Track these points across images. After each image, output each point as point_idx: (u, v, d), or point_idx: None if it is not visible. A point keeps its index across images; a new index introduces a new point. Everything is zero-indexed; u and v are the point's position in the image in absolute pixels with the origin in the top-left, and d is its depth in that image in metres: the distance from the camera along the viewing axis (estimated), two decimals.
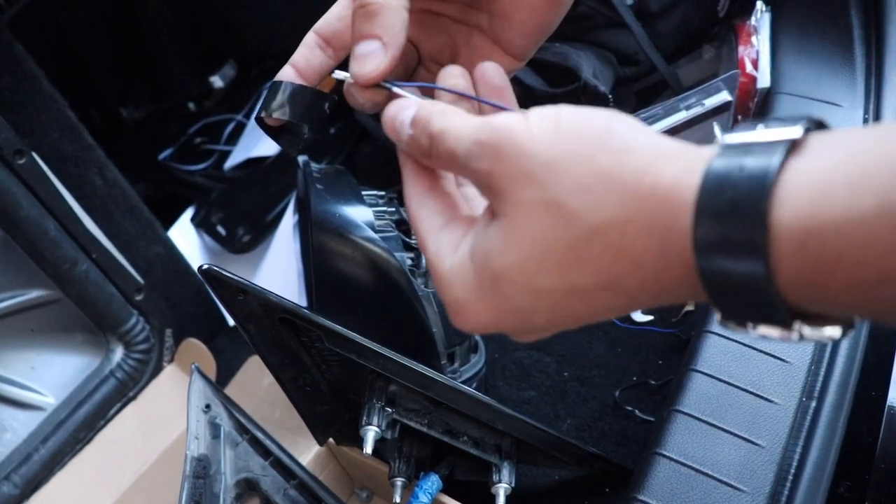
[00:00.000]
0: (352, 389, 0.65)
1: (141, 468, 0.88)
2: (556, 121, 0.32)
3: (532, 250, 0.31)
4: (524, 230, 0.32)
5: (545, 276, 0.31)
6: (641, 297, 0.31)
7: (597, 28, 0.89)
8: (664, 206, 0.28)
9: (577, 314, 0.33)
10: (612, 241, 0.30)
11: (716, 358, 0.62)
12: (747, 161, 0.27)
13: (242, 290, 0.57)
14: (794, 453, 0.56)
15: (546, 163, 0.31)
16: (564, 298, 0.32)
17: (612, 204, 0.29)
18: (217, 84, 1.28)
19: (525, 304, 0.33)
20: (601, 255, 0.30)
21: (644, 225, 0.29)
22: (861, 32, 0.78)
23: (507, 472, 0.63)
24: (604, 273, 0.30)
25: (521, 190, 0.31)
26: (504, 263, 0.32)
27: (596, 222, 0.30)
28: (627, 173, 0.29)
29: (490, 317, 0.34)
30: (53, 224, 0.81)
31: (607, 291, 0.31)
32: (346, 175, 0.78)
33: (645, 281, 0.30)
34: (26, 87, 0.79)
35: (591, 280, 0.31)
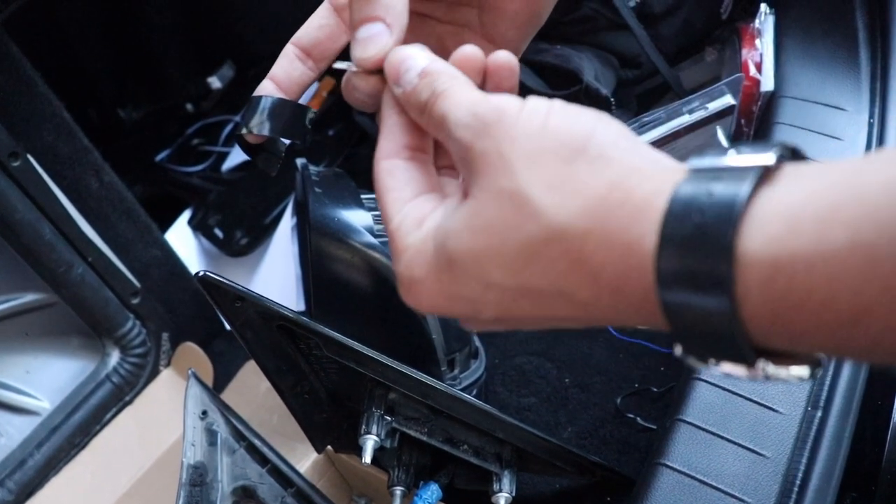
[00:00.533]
0: (350, 397, 0.64)
1: (137, 474, 0.87)
2: (546, 115, 0.31)
3: (488, 240, 0.30)
4: (485, 217, 0.31)
5: (496, 271, 0.30)
6: (596, 311, 0.30)
7: (598, 30, 0.88)
8: (629, 224, 0.28)
9: (529, 315, 0.32)
10: (571, 247, 0.29)
11: None
12: (716, 187, 0.26)
13: (240, 297, 0.56)
14: (799, 464, 0.55)
15: (525, 154, 0.30)
16: (515, 297, 0.31)
17: (576, 209, 0.28)
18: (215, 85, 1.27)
19: (475, 295, 0.32)
20: (556, 260, 0.29)
21: (605, 238, 0.28)
22: (866, 35, 0.77)
23: (507, 481, 0.62)
24: (558, 279, 0.29)
25: (495, 174, 0.31)
26: (460, 249, 0.31)
27: (556, 224, 0.29)
28: (599, 183, 0.29)
29: (440, 300, 0.33)
30: (49, 227, 0.80)
31: (560, 299, 0.30)
32: (344, 178, 0.78)
33: (601, 296, 0.29)
34: (22, 89, 0.78)
35: (544, 283, 0.30)
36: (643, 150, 0.30)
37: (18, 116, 0.78)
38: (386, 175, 0.36)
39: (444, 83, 0.34)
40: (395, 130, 0.37)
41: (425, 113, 0.35)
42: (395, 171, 0.36)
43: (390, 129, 0.37)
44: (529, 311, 0.31)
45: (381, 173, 0.36)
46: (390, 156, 0.36)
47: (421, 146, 0.37)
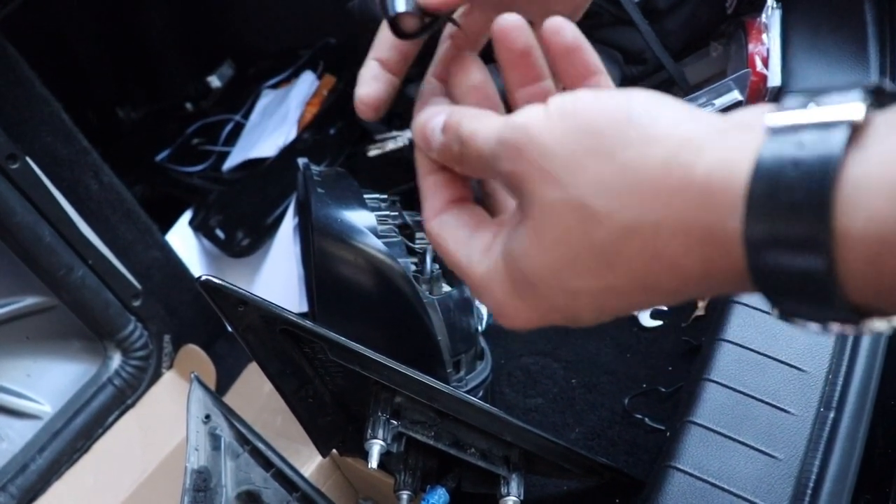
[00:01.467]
0: (355, 401, 0.64)
1: (140, 477, 0.87)
2: (573, 111, 0.30)
3: (561, 254, 0.30)
4: (550, 232, 0.30)
5: (578, 279, 0.30)
6: (684, 295, 0.29)
7: (603, 26, 0.87)
8: (702, 205, 0.26)
9: (623, 308, 0.31)
10: (645, 243, 0.27)
11: (730, 367, 0.61)
12: (802, 153, 0.24)
13: (242, 301, 0.55)
14: (812, 466, 0.54)
15: (565, 161, 0.29)
16: (603, 297, 0.30)
17: (638, 204, 0.27)
18: (214, 84, 1.27)
19: (564, 304, 0.31)
20: (634, 258, 0.28)
21: (679, 226, 0.26)
22: (875, 29, 0.76)
23: (515, 484, 0.62)
24: (640, 276, 0.29)
25: (543, 190, 0.30)
26: (534, 267, 0.31)
27: (623, 223, 0.28)
28: (652, 167, 0.27)
29: (533, 314, 0.33)
30: (48, 230, 0.79)
31: (648, 292, 0.29)
32: (347, 178, 0.77)
33: (688, 282, 0.28)
34: (19, 90, 0.77)
35: (627, 282, 0.29)
36: (690, 115, 0.28)
37: (16, 118, 0.78)
38: (440, 230, 0.37)
39: (466, 127, 0.35)
40: (435, 191, 0.38)
41: (464, 162, 0.36)
42: (447, 224, 0.37)
43: (431, 191, 0.38)
44: (621, 305, 0.31)
45: (434, 231, 0.38)
46: (438, 213, 0.38)
47: (462, 195, 0.38)
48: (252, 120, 1.18)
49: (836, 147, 0.23)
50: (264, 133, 1.13)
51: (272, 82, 1.22)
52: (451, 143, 0.36)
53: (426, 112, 0.38)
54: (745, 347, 0.62)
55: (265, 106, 1.19)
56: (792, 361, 0.60)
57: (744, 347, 0.62)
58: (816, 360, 0.60)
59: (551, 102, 0.31)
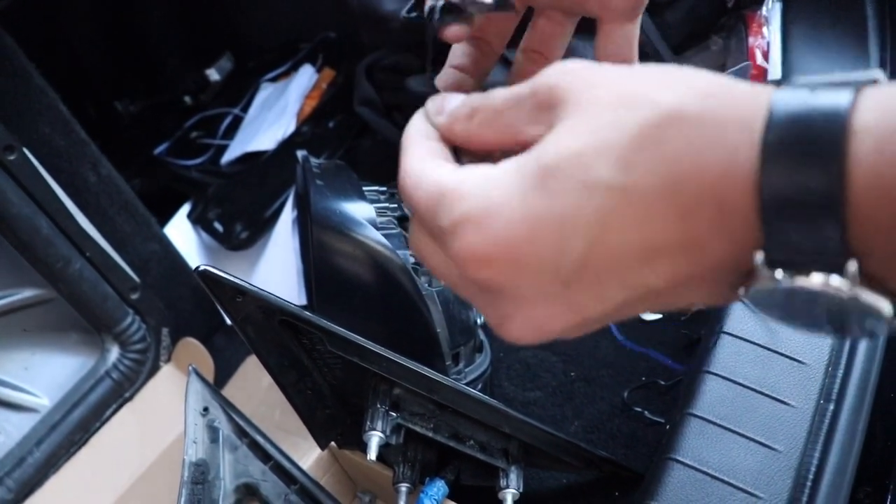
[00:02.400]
0: (354, 393, 0.63)
1: (138, 471, 0.86)
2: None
3: (594, 137, 0.28)
4: (586, 122, 0.29)
5: (603, 165, 0.27)
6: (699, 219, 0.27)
7: None
8: (744, 104, 0.27)
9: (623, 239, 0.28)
10: (684, 130, 0.27)
11: (730, 360, 0.60)
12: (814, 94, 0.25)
13: (241, 291, 0.55)
14: (812, 458, 0.54)
15: (622, 72, 0.30)
16: (618, 203, 0.27)
17: (687, 94, 0.28)
18: (213, 77, 1.26)
19: (572, 204, 0.28)
20: (668, 143, 0.27)
21: (721, 116, 0.27)
22: (876, 23, 0.76)
23: (514, 476, 0.62)
24: (665, 170, 0.27)
25: (590, 91, 0.29)
26: (557, 152, 0.28)
27: (670, 105, 0.27)
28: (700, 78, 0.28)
29: (524, 225, 0.28)
30: (46, 221, 0.79)
31: (665, 202, 0.27)
32: (346, 170, 0.76)
33: (706, 189, 0.26)
34: (17, 81, 0.77)
35: (651, 179, 0.27)
36: None
37: (14, 109, 0.77)
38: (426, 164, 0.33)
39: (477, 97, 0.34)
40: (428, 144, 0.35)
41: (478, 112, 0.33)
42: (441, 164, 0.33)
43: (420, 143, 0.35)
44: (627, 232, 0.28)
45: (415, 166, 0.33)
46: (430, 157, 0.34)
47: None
48: (251, 113, 1.18)
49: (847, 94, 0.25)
50: (263, 126, 1.12)
51: (271, 76, 1.21)
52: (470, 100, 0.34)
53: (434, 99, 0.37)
54: (744, 340, 0.62)
55: (264, 99, 1.19)
56: (792, 354, 0.60)
57: (744, 340, 0.62)
58: (816, 352, 0.60)
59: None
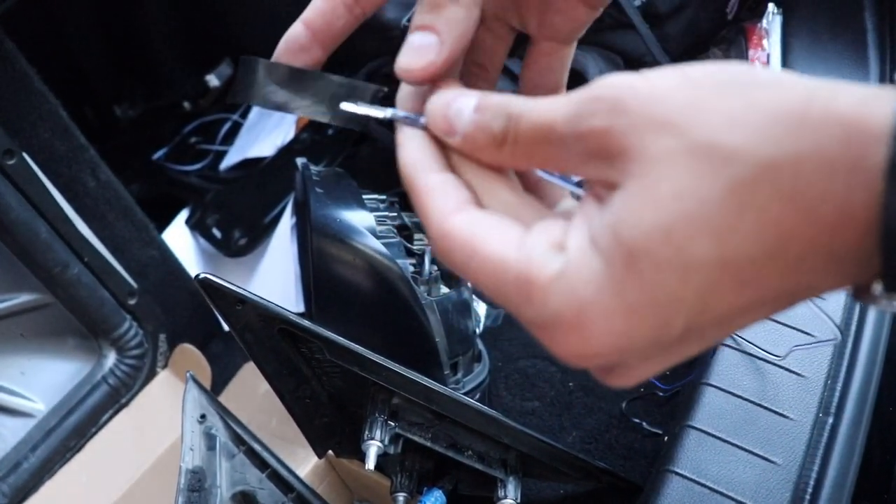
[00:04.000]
0: (353, 401, 0.63)
1: (133, 477, 0.86)
2: (681, 71, 0.26)
3: (679, 207, 0.24)
4: (665, 185, 0.24)
5: (698, 242, 0.24)
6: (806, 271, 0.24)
7: (603, 29, 0.87)
8: (849, 138, 0.23)
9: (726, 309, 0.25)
10: (783, 183, 0.23)
11: (729, 372, 0.60)
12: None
13: (240, 300, 0.55)
14: (811, 472, 0.54)
15: (683, 103, 0.25)
16: (717, 277, 0.24)
17: (778, 135, 0.23)
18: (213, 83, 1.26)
19: (670, 289, 0.25)
20: (768, 204, 0.23)
21: (825, 160, 0.23)
22: (875, 36, 0.76)
23: (512, 487, 0.61)
24: (770, 232, 0.24)
25: (655, 139, 0.25)
26: (642, 231, 0.25)
27: (760, 158, 0.23)
28: (789, 101, 0.24)
29: (623, 320, 0.25)
30: (44, 226, 0.79)
31: (769, 263, 0.24)
32: (346, 178, 0.76)
33: (816, 242, 0.23)
34: (17, 86, 0.77)
35: (754, 246, 0.24)
36: None
37: (14, 114, 0.77)
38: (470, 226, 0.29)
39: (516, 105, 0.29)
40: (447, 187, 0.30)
41: (507, 143, 0.29)
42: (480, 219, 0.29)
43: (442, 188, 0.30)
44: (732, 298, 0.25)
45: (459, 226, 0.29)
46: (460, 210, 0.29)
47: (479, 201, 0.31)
48: (250, 119, 1.18)
49: None
50: (262, 132, 1.12)
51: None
52: (490, 122, 0.29)
53: (447, 92, 0.32)
54: (744, 353, 0.62)
55: None
56: (791, 367, 0.60)
57: (743, 353, 0.62)
58: (815, 365, 0.60)
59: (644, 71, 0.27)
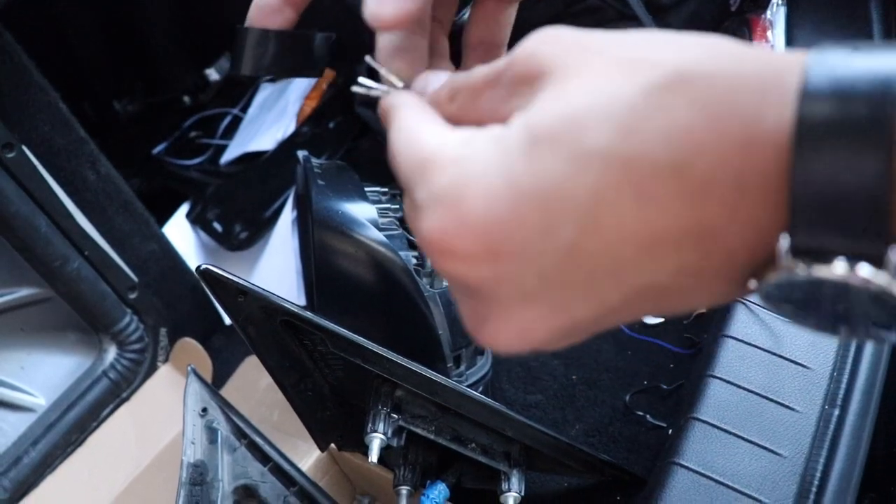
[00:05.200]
0: (355, 394, 0.63)
1: (134, 472, 0.85)
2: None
3: (589, 100, 0.24)
4: (580, 85, 0.24)
5: (601, 131, 0.23)
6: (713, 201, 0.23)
7: (606, 21, 0.86)
8: (764, 65, 0.23)
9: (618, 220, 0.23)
10: (696, 94, 0.23)
11: (734, 363, 0.60)
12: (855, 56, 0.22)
13: (242, 291, 0.54)
14: (817, 464, 0.54)
15: (611, 36, 0.26)
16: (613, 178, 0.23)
17: (698, 54, 0.24)
18: (213, 77, 1.25)
19: (560, 181, 0.24)
20: (678, 109, 0.23)
21: (740, 76, 0.23)
22: (881, 28, 0.76)
23: (516, 480, 0.61)
24: (677, 137, 0.23)
25: (578, 55, 0.25)
26: (546, 116, 0.24)
27: (677, 65, 0.23)
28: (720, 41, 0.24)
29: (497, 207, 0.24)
30: (44, 220, 0.78)
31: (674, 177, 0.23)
32: (347, 171, 0.76)
33: (725, 161, 0.22)
34: (16, 79, 0.76)
35: (657, 148, 0.23)
36: None
37: (13, 107, 0.76)
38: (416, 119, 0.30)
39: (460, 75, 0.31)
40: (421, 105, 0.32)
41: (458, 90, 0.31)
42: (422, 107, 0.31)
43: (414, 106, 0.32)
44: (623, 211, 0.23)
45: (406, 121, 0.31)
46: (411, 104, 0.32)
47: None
48: (250, 113, 1.17)
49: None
50: (262, 126, 1.12)
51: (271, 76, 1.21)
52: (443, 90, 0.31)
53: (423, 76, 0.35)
54: (748, 344, 0.61)
55: (264, 99, 1.18)
56: (796, 358, 0.60)
57: (748, 344, 0.61)
58: (821, 356, 0.60)
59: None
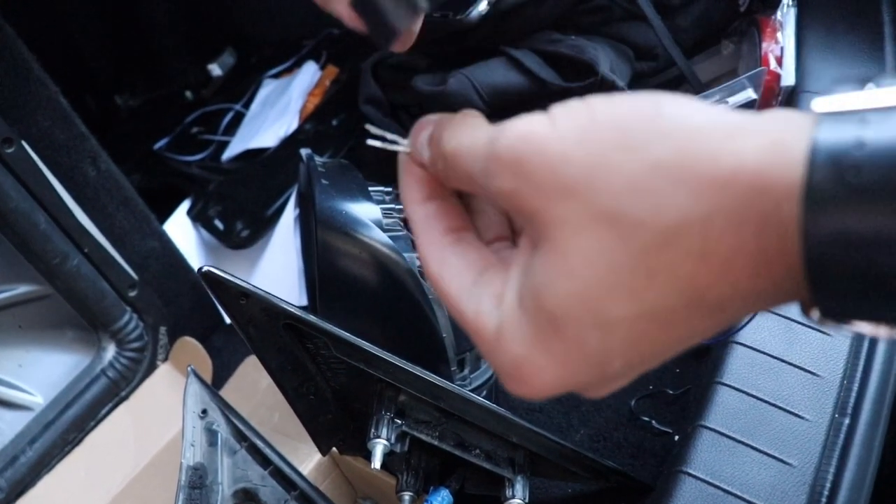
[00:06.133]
0: (358, 398, 0.62)
1: (133, 472, 0.85)
2: (587, 112, 0.26)
3: (591, 275, 0.25)
4: (576, 253, 0.26)
5: (613, 304, 0.25)
6: (732, 309, 0.25)
7: (614, 20, 0.85)
8: (756, 193, 0.23)
9: (660, 346, 0.26)
10: (692, 245, 0.24)
11: (743, 370, 0.59)
12: (866, 131, 0.21)
13: (245, 294, 0.53)
14: (827, 474, 0.53)
15: (586, 165, 0.25)
16: (641, 328, 0.26)
17: (683, 200, 0.24)
18: (215, 72, 1.25)
19: (596, 346, 0.26)
20: (679, 266, 0.24)
21: (733, 217, 0.23)
22: (892, 30, 0.75)
23: (520, 486, 0.60)
24: (685, 287, 0.24)
25: (560, 206, 0.25)
26: (560, 299, 0.26)
27: (666, 225, 0.24)
28: (697, 159, 0.24)
29: (558, 371, 0.27)
30: (43, 216, 0.77)
31: (692, 310, 0.25)
32: (351, 170, 0.75)
33: (737, 288, 0.24)
34: (16, 73, 0.75)
35: (671, 299, 0.25)
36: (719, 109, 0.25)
37: (13, 101, 0.76)
38: (439, 268, 0.32)
39: (447, 143, 0.31)
40: (429, 222, 0.33)
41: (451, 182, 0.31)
42: (447, 260, 0.32)
43: (425, 222, 0.33)
44: (660, 339, 0.26)
45: (436, 274, 0.32)
46: (434, 248, 0.32)
47: (462, 225, 0.33)
48: (253, 109, 1.16)
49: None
50: (265, 123, 1.11)
51: (274, 72, 1.20)
52: (435, 161, 0.32)
53: (418, 124, 0.34)
54: (757, 350, 0.60)
55: (266, 95, 1.17)
56: (806, 365, 0.59)
57: (756, 350, 0.60)
58: (831, 364, 0.59)
59: (554, 109, 0.27)
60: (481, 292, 0.30)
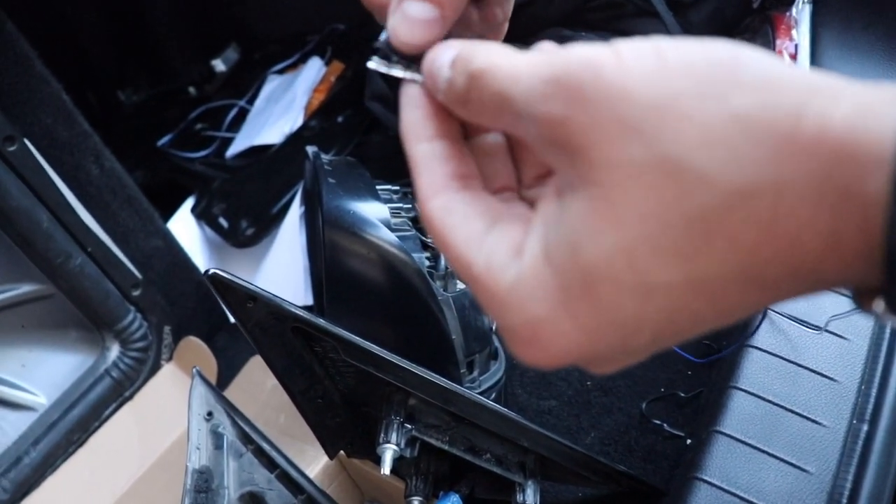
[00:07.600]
0: (366, 402, 0.61)
1: (137, 472, 0.84)
2: (656, 53, 0.23)
3: (640, 230, 0.22)
4: (626, 203, 0.22)
5: (662, 267, 0.22)
6: (786, 288, 0.23)
7: (625, 17, 0.84)
8: (841, 162, 0.20)
9: (698, 320, 0.24)
10: (761, 213, 0.21)
11: (759, 375, 0.58)
12: None
13: (252, 297, 0.52)
14: (845, 481, 0.52)
15: (654, 105, 0.22)
16: (685, 298, 0.23)
17: (758, 160, 0.21)
18: (219, 68, 1.24)
19: (630, 313, 0.23)
20: (742, 234, 0.21)
21: (810, 189, 0.21)
22: None
23: (531, 491, 0.59)
24: (744, 259, 0.22)
25: (618, 145, 0.22)
26: (601, 253, 0.23)
27: (737, 186, 0.21)
28: (776, 116, 0.21)
29: (581, 337, 0.24)
30: (46, 215, 0.76)
31: (744, 284, 0.22)
32: (358, 168, 0.74)
33: (801, 268, 0.22)
34: (18, 70, 0.74)
35: (725, 269, 0.22)
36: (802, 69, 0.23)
37: (15, 98, 0.75)
38: (443, 214, 0.28)
39: (481, 60, 0.27)
40: (432, 162, 0.29)
41: (471, 102, 0.27)
42: (453, 207, 0.28)
43: (426, 162, 0.29)
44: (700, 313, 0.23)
45: (436, 216, 0.28)
46: (438, 192, 0.28)
47: (470, 172, 0.29)
48: (257, 106, 1.15)
49: None
50: (270, 119, 1.10)
51: (278, 67, 1.19)
52: (456, 79, 0.28)
53: (437, 47, 0.30)
54: (773, 355, 0.59)
55: (271, 91, 1.16)
56: (823, 370, 0.58)
57: (772, 354, 0.59)
58: (848, 369, 0.58)
59: (619, 44, 0.24)
60: (495, 241, 0.27)
